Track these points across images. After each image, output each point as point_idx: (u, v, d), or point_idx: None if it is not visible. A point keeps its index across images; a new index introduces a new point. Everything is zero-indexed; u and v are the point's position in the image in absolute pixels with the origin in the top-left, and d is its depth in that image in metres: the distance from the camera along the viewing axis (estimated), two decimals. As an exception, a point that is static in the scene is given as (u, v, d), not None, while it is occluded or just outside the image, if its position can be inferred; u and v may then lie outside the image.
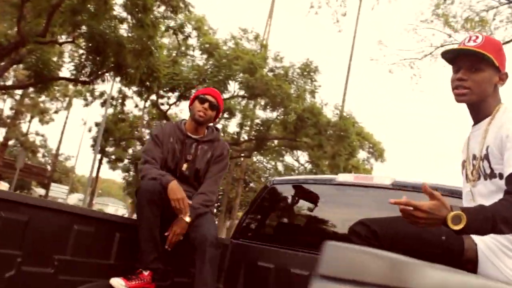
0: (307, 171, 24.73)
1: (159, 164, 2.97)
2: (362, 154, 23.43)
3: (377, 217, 1.92)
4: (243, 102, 19.35)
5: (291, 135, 17.92)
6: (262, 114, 20.46)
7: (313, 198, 3.57)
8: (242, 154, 20.56)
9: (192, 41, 17.08)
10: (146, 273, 2.66)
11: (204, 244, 2.67)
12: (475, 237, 1.79)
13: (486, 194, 1.84)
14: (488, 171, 1.82)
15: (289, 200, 3.65)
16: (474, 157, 1.92)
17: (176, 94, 17.28)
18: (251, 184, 32.50)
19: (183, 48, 17.66)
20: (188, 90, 17.13)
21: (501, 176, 1.76)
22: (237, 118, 20.21)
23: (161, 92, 17.29)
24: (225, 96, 16.83)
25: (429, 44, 12.34)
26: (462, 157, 2.09)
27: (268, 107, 16.69)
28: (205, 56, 16.81)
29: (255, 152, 20.87)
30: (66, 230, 2.41)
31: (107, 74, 13.25)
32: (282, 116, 16.94)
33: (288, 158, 27.38)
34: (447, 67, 1.99)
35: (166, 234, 2.76)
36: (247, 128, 19.38)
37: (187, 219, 2.77)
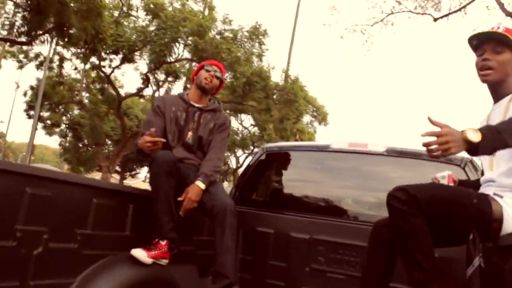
0: (251, 134, 24.97)
1: (168, 138, 2.97)
2: (305, 118, 23.93)
3: (413, 184, 2.03)
4: (187, 66, 18.99)
5: (238, 98, 17.92)
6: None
7: (307, 165, 3.67)
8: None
9: (136, 1, 16.36)
10: (163, 242, 2.66)
11: (224, 213, 2.71)
12: (500, 200, 1.97)
13: (507, 158, 2.01)
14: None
15: (283, 167, 3.73)
16: None
17: (120, 56, 16.60)
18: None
19: (125, 9, 16.87)
20: (132, 53, 16.52)
21: None
22: (182, 81, 19.89)
23: (103, 55, 16.53)
24: (171, 59, 16.43)
25: (380, 11, 12.64)
26: None
27: (216, 70, 16.45)
28: (149, 17, 16.19)
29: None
30: (86, 204, 2.34)
31: (47, 34, 12.42)
32: (230, 80, 16.83)
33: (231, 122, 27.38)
34: (397, 34, 2.16)
35: (179, 199, 2.76)
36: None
37: (202, 186, 2.79)
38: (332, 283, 3.14)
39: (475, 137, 1.75)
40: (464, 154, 3.15)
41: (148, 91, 19.39)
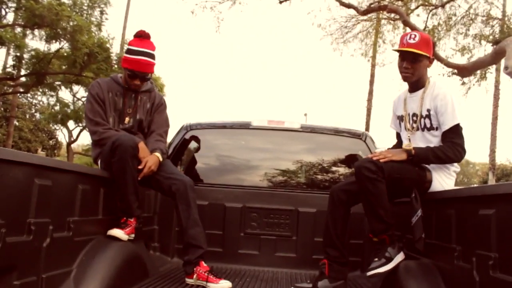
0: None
1: (109, 123, 3.00)
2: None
3: (372, 156, 2.59)
4: (16, 31, 16.94)
5: (77, 70, 16.78)
6: (39, 45, 18.27)
7: (229, 141, 4.02)
8: (21, 90, 18.26)
9: None
10: (131, 219, 2.80)
11: (185, 189, 2.92)
12: (430, 168, 2.66)
13: (422, 140, 2.72)
14: (428, 125, 2.69)
15: (207, 143, 4.00)
16: (415, 115, 2.75)
17: None
18: (16, 122, 29.07)
19: None
20: None
21: (436, 129, 2.65)
22: (4, 49, 17.66)
23: None
24: (-4, 23, 14.49)
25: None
26: (396, 112, 2.93)
27: (53, 40, 15.10)
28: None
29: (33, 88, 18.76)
30: (73, 191, 2.34)
31: None
32: (69, 51, 15.63)
33: (62, 93, 25.42)
34: (244, 13, 2.79)
35: (139, 167, 2.87)
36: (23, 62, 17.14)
37: (160, 158, 2.98)
38: (265, 243, 3.61)
39: (409, 147, 2.59)
40: (363, 130, 3.92)
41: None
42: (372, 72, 23.31)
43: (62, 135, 36.37)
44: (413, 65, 2.69)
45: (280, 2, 11.87)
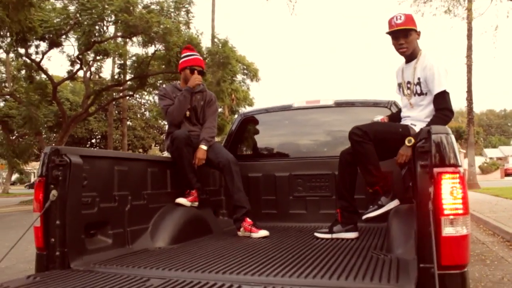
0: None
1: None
2: (237, 77, 24.87)
3: (364, 124, 3.21)
4: (117, 41, 19.12)
5: (173, 68, 18.48)
6: (138, 51, 20.31)
7: (276, 122, 4.80)
8: (130, 93, 20.54)
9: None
10: (193, 191, 3.74)
11: (228, 164, 3.79)
12: (414, 127, 3.20)
13: (418, 104, 3.24)
14: (419, 91, 3.21)
15: (259, 126, 4.83)
16: (409, 83, 3.28)
17: (46, 42, 16.45)
18: (129, 122, 32.36)
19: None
20: (60, 37, 16.44)
21: (426, 94, 3.16)
22: (111, 58, 19.97)
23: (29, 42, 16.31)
24: (100, 38, 16.54)
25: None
26: (397, 80, 3.47)
27: (148, 44, 16.87)
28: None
29: (139, 90, 21.01)
30: (145, 173, 3.33)
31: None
32: (163, 51, 17.31)
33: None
34: None
35: (194, 162, 3.83)
36: (127, 67, 19.33)
37: (205, 148, 3.86)
38: (310, 204, 4.35)
39: (410, 142, 2.84)
40: (389, 98, 4.41)
41: (79, 73, 19.40)
42: (469, 27, 22.21)
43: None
44: (406, 40, 3.22)
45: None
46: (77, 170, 2.59)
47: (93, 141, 34.50)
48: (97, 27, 15.32)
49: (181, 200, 3.65)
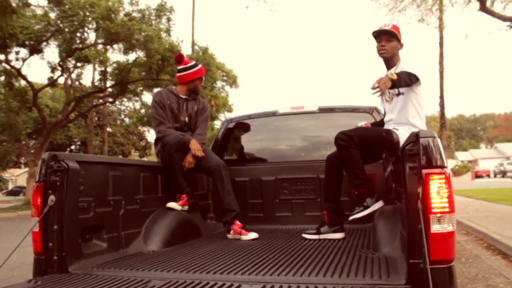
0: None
1: (170, 123, 4.02)
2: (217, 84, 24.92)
3: (350, 129, 3.36)
4: (98, 48, 19.02)
5: (154, 75, 18.50)
6: (119, 58, 20.25)
7: (262, 127, 4.92)
8: (110, 100, 20.42)
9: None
10: (183, 195, 3.83)
11: (219, 168, 3.89)
12: (396, 131, 3.36)
13: (398, 105, 3.40)
14: (397, 92, 3.38)
15: (245, 131, 4.94)
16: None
17: (27, 49, 16.30)
18: (109, 129, 32.12)
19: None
20: (40, 43, 16.32)
21: (403, 94, 3.33)
22: (92, 65, 19.86)
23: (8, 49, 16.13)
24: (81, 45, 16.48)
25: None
26: None
27: (129, 51, 16.86)
28: (51, 5, 16.00)
29: (119, 97, 20.92)
30: (137, 178, 3.41)
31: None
32: (144, 58, 17.33)
33: (145, 97, 27.71)
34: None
35: (183, 164, 3.92)
36: (108, 74, 19.25)
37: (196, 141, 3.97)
38: (296, 206, 4.48)
39: (393, 76, 3.01)
40: (371, 105, 4.60)
41: (60, 80, 19.24)
42: (441, 35, 22.79)
43: (151, 136, 39.35)
44: (388, 44, 3.42)
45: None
46: (74, 175, 2.66)
47: (73, 147, 34.12)
48: (78, 34, 15.27)
49: (172, 205, 3.74)
